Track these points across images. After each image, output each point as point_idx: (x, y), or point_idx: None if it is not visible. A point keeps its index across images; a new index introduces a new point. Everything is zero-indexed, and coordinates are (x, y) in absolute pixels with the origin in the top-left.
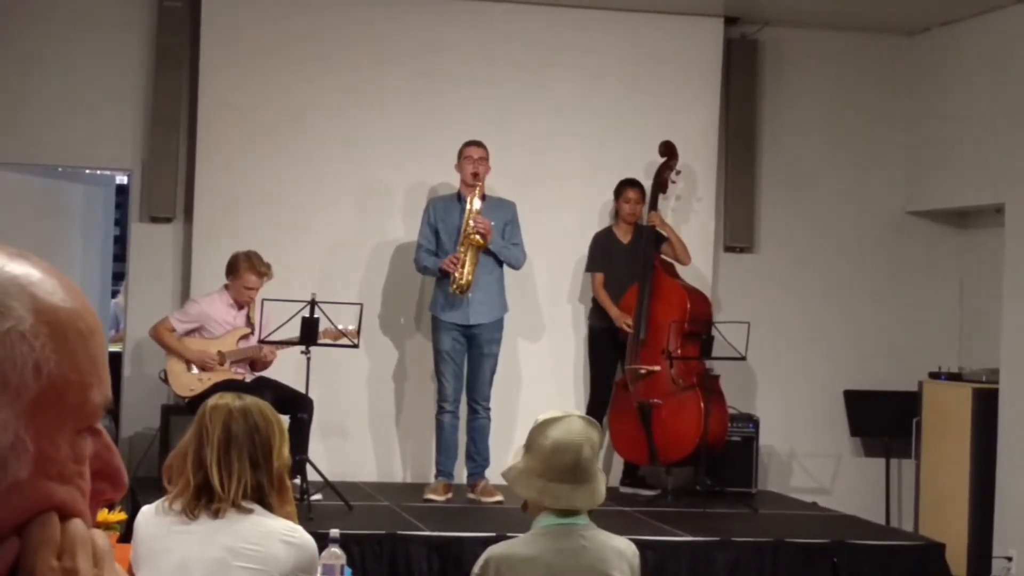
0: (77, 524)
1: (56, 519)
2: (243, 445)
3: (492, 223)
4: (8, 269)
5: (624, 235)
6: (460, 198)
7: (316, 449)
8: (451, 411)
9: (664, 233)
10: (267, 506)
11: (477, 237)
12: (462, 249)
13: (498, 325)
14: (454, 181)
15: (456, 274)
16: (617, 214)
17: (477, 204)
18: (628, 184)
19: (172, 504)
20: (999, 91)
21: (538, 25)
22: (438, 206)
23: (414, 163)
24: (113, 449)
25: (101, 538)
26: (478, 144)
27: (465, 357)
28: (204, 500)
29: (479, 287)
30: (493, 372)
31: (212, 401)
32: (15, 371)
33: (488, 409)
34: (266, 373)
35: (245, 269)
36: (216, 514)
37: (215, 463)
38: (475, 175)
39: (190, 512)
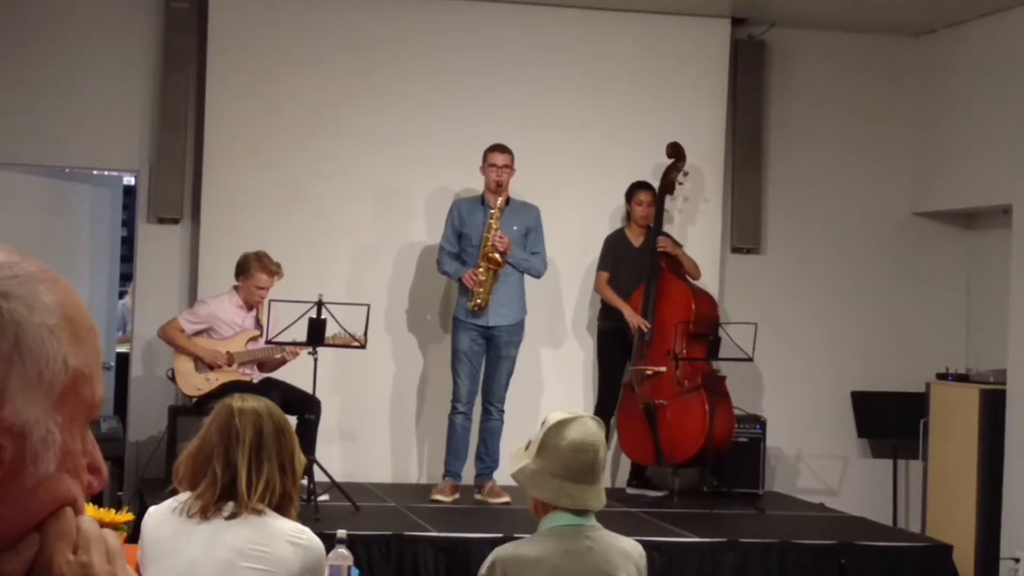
0: (89, 521)
1: (72, 514)
2: (272, 449)
3: (515, 228)
4: (28, 267)
5: (636, 237)
6: (484, 202)
7: (336, 449)
8: (464, 412)
9: (675, 255)
10: (287, 514)
11: (496, 256)
12: (482, 268)
13: (518, 328)
14: (472, 182)
15: (475, 291)
16: (629, 217)
17: (496, 224)
18: (640, 187)
19: (192, 504)
20: (1006, 92)
21: (546, 26)
22: (462, 208)
23: (423, 164)
24: (95, 443)
25: (112, 537)
26: (503, 150)
27: (483, 359)
28: (224, 501)
29: (499, 290)
30: (510, 375)
31: (237, 403)
32: (48, 366)
33: (502, 411)
34: (274, 374)
35: (256, 268)
36: (231, 516)
37: (245, 465)
38: (499, 184)
39: (204, 513)
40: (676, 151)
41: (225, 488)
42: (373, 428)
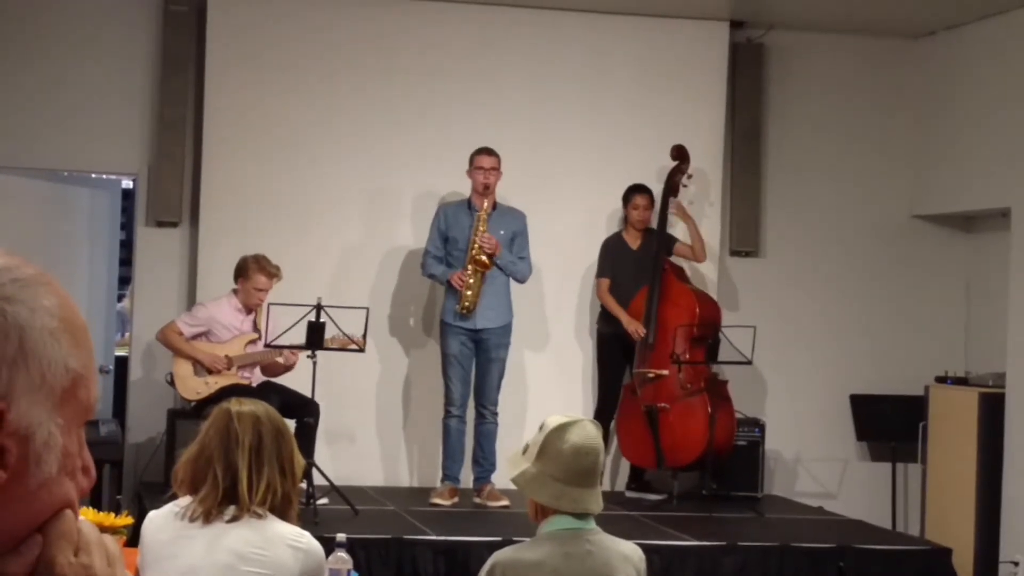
0: (89, 525)
1: (72, 516)
2: (271, 452)
3: (501, 233)
4: (27, 270)
5: (633, 240)
6: (471, 206)
7: (323, 454)
8: (458, 415)
9: (685, 224)
10: (287, 517)
11: (484, 258)
12: (470, 270)
13: (506, 330)
14: (462, 187)
15: (463, 293)
16: (626, 220)
17: (483, 227)
18: (636, 190)
19: (195, 508)
20: (1005, 94)
21: (546, 29)
22: (448, 212)
23: (422, 168)
24: (85, 443)
25: (111, 542)
26: (489, 153)
27: (473, 362)
28: (226, 504)
29: (487, 293)
30: (501, 377)
31: (235, 407)
32: (50, 369)
33: (495, 414)
34: (273, 378)
35: (255, 270)
36: (232, 519)
37: (245, 468)
38: (486, 186)
39: (207, 517)
40: (680, 154)
41: (227, 492)
42: (361, 432)
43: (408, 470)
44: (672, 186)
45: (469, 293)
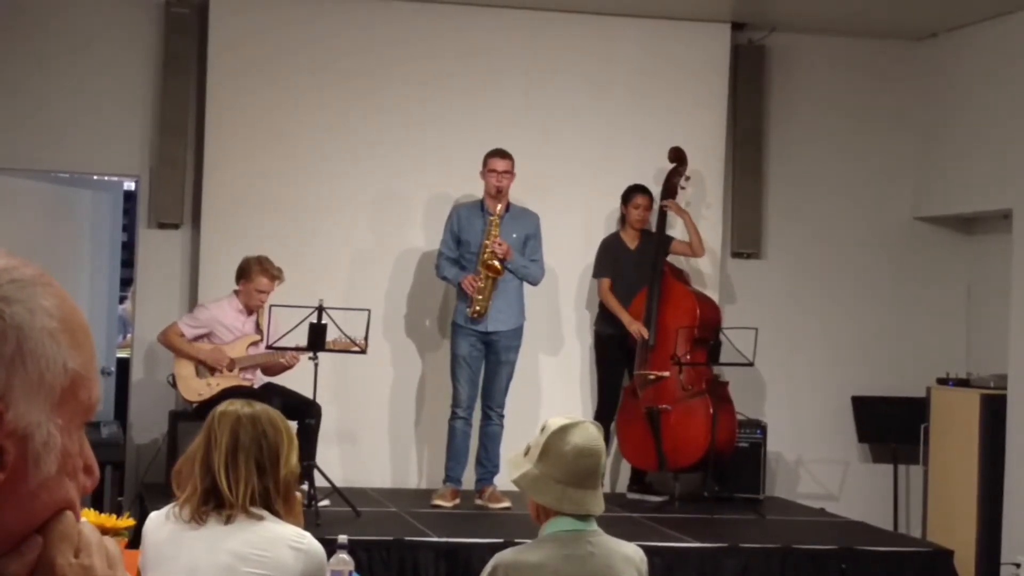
0: (90, 526)
1: (72, 517)
2: (250, 451)
3: (514, 236)
4: (26, 271)
5: (631, 241)
6: (483, 208)
7: (335, 455)
8: (464, 417)
9: (682, 220)
10: (274, 512)
11: (496, 263)
12: (481, 275)
13: (517, 333)
14: (470, 188)
15: (474, 298)
16: (624, 219)
17: (496, 231)
18: (637, 190)
19: (181, 509)
20: (1007, 97)
21: (546, 31)
22: (461, 214)
23: (423, 170)
24: (87, 443)
25: (111, 544)
26: (503, 155)
27: (482, 364)
28: (212, 505)
29: (498, 296)
30: (509, 379)
31: (221, 407)
32: (49, 369)
33: (502, 416)
34: (274, 379)
35: (257, 272)
36: (227, 520)
37: (222, 468)
38: (499, 190)
39: (199, 518)
40: (678, 156)
41: (207, 492)
42: (372, 433)
43: (416, 471)
44: (670, 188)
45: (480, 298)
